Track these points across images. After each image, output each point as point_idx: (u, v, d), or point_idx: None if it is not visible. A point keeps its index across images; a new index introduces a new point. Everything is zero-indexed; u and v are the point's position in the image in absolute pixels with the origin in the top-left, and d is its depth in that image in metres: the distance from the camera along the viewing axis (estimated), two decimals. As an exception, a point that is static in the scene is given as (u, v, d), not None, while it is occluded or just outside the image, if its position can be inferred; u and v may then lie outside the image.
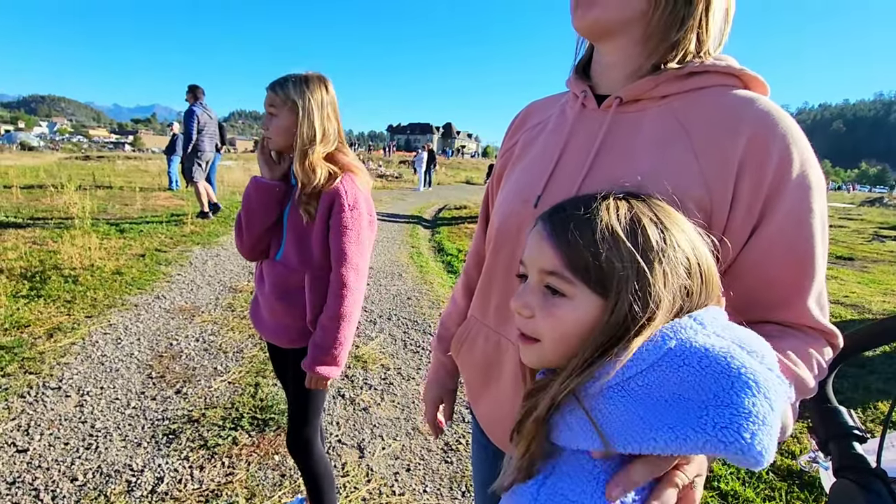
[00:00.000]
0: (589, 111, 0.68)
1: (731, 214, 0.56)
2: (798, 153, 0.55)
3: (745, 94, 0.60)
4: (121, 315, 3.21)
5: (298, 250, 1.33)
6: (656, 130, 0.61)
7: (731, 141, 0.56)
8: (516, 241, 0.69)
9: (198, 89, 6.48)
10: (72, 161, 23.08)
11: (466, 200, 12.58)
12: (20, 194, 8.36)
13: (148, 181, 12.61)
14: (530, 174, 0.72)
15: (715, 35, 0.63)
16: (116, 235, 5.44)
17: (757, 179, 0.55)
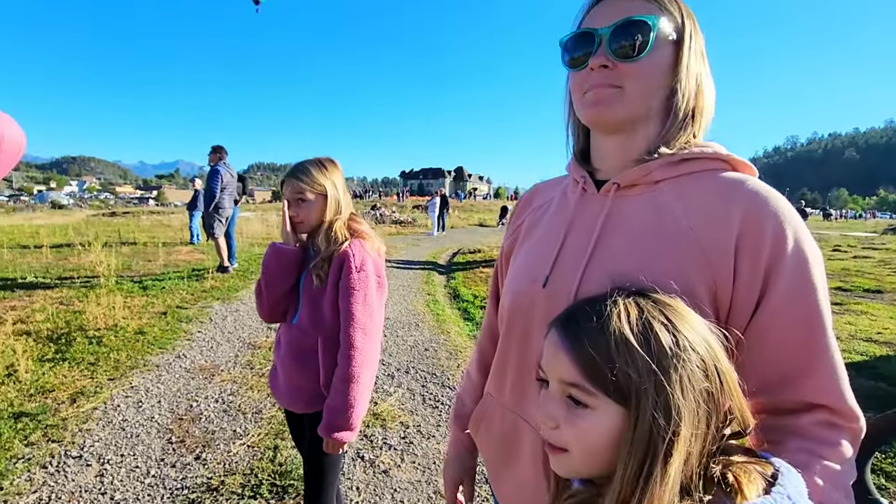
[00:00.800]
0: (589, 195, 0.73)
1: (734, 293, 0.58)
2: (791, 228, 0.58)
3: (734, 175, 0.64)
4: (142, 376, 3.24)
5: (312, 314, 1.39)
6: (653, 213, 0.65)
7: (726, 220, 0.59)
8: (528, 321, 0.72)
9: (221, 150, 6.79)
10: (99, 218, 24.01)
11: (480, 244, 12.64)
12: (49, 254, 8.67)
13: (171, 235, 13.00)
14: (537, 255, 0.75)
15: (705, 125, 0.69)
16: (140, 293, 5.57)
17: (755, 257, 0.57)
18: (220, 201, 6.64)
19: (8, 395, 2.81)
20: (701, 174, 0.65)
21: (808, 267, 0.57)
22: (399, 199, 45.62)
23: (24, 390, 2.91)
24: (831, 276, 8.31)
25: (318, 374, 1.37)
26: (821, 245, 9.14)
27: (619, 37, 0.64)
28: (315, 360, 1.38)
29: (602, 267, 0.65)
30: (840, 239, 16.66)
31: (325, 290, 1.37)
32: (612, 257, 0.65)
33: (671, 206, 0.64)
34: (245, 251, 9.71)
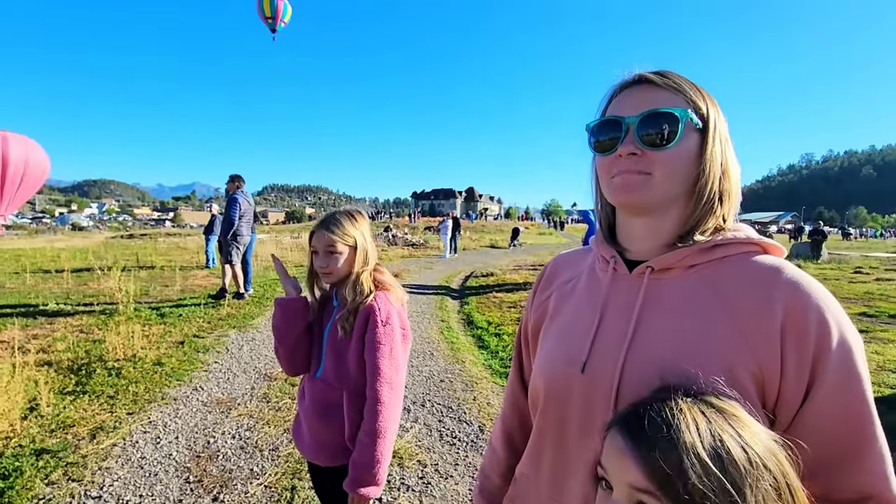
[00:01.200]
0: (621, 275, 0.73)
1: (782, 384, 0.59)
2: (833, 318, 0.58)
3: (769, 260, 0.65)
4: (160, 410, 3.25)
5: (337, 367, 1.38)
6: (691, 298, 0.66)
7: (768, 310, 0.60)
8: (565, 406, 0.71)
9: (239, 178, 6.94)
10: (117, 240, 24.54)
11: (493, 267, 12.62)
12: (70, 279, 8.86)
13: (187, 259, 13.22)
14: (572, 336, 0.74)
15: (734, 207, 0.70)
16: (157, 321, 5.63)
17: (800, 348, 0.58)
18: (238, 229, 6.76)
19: (30, 431, 2.84)
20: (734, 258, 0.66)
21: (853, 357, 0.58)
22: (411, 220, 45.96)
23: (46, 425, 2.93)
24: (855, 300, 8.10)
25: (343, 427, 1.36)
26: (841, 267, 8.97)
27: (647, 126, 0.65)
28: (340, 413, 1.36)
29: (643, 355, 0.65)
30: (861, 260, 16.30)
31: (349, 342, 1.37)
32: (652, 345, 0.65)
33: (709, 293, 0.65)
34: (260, 276, 9.81)
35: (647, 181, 0.66)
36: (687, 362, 0.60)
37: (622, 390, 0.64)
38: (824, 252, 15.84)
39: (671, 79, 0.68)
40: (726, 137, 0.70)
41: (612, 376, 0.66)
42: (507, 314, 6.67)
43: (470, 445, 2.94)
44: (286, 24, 18.87)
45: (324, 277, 1.43)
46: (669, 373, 0.60)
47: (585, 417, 0.68)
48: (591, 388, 0.68)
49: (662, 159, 0.65)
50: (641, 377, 0.63)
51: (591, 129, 0.72)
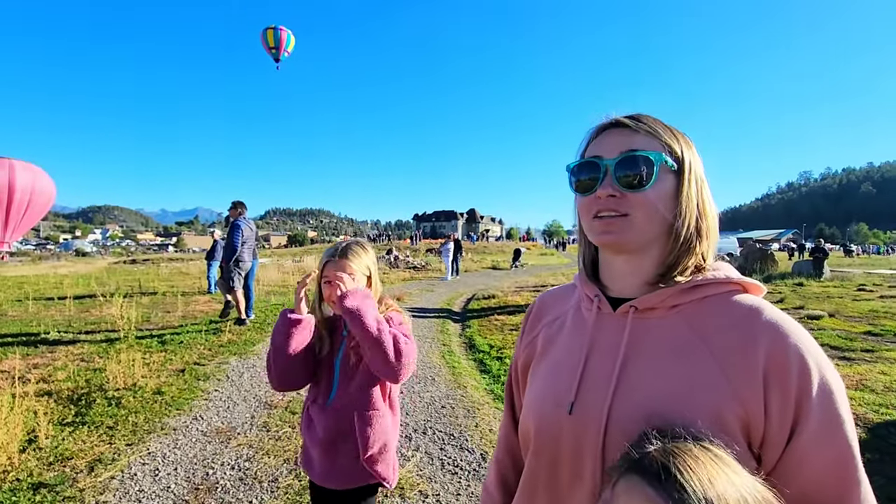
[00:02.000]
0: (605, 315, 0.74)
1: (766, 427, 0.60)
2: (814, 360, 0.60)
3: (749, 300, 0.67)
4: (159, 441, 3.22)
5: (348, 392, 1.45)
6: (674, 339, 0.67)
7: (750, 352, 0.61)
8: (556, 445, 0.72)
9: (241, 205, 7.01)
10: (120, 266, 24.61)
11: (495, 289, 12.59)
12: (72, 305, 8.87)
13: (189, 284, 13.24)
14: (559, 377, 0.76)
15: (713, 245, 0.73)
16: (158, 348, 5.62)
17: (783, 391, 0.59)
18: (241, 255, 6.79)
19: (28, 465, 2.81)
20: (714, 298, 0.69)
21: (834, 398, 0.59)
22: (413, 242, 46.04)
23: (44, 458, 2.90)
24: (859, 318, 8.04)
25: (358, 451, 1.42)
26: (844, 284, 8.91)
27: (624, 168, 0.68)
28: (353, 437, 1.42)
29: (630, 397, 0.66)
30: (864, 277, 16.21)
31: (361, 363, 1.43)
32: (638, 386, 0.66)
33: (691, 334, 0.67)
34: (261, 301, 9.81)
35: (627, 222, 0.68)
36: (674, 405, 0.62)
37: (610, 432, 0.65)
38: (826, 270, 15.78)
39: (646, 123, 0.71)
40: (702, 177, 0.73)
41: (599, 418, 0.66)
42: (509, 337, 6.64)
43: (472, 474, 2.90)
44: (290, 53, 19.35)
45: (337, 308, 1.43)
46: (657, 416, 0.61)
47: (576, 459, 0.68)
48: (579, 429, 0.68)
49: (640, 200, 0.68)
50: (629, 419, 0.64)
51: (572, 169, 0.75)
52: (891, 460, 2.93)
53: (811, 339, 0.62)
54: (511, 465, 0.91)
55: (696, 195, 0.71)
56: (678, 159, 0.70)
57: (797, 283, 13.72)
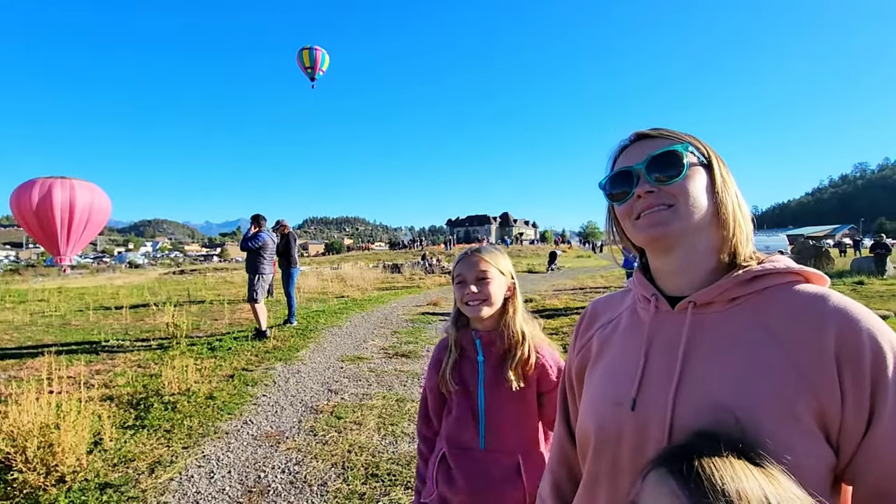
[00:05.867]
0: (664, 313, 0.73)
1: (844, 411, 0.57)
2: (887, 343, 0.58)
3: (812, 289, 0.65)
4: (213, 445, 3.33)
5: (507, 431, 1.26)
6: (737, 332, 0.65)
7: (820, 340, 0.59)
8: (617, 445, 0.70)
9: (260, 217, 7.22)
10: (169, 276, 25.85)
11: (532, 292, 12.45)
12: (129, 314, 9.36)
13: (234, 292, 13.73)
14: (619, 375, 0.74)
15: (751, 240, 0.72)
16: (208, 355, 5.84)
17: (858, 373, 0.57)
18: (262, 267, 6.92)
19: (95, 465, 2.96)
20: (775, 289, 0.67)
21: None
22: (447, 247, 46.22)
23: (109, 460, 3.06)
24: (931, 319, 7.46)
25: (523, 495, 1.21)
26: (913, 284, 8.19)
27: (655, 166, 0.70)
28: (514, 483, 1.22)
29: (693, 391, 0.64)
30: (934, 274, 15.04)
31: (517, 399, 1.24)
32: (702, 380, 0.64)
33: (755, 326, 0.65)
34: (302, 308, 10.05)
35: (673, 212, 0.69)
36: (741, 398, 0.60)
37: (675, 428, 0.63)
38: (890, 267, 14.73)
39: (665, 130, 0.75)
40: (731, 176, 0.74)
41: (664, 413, 0.65)
42: (550, 341, 6.53)
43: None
44: (324, 72, 19.90)
45: (476, 309, 1.25)
46: (723, 409, 0.60)
47: (638, 456, 0.66)
48: (642, 426, 0.67)
49: (678, 190, 0.69)
50: (694, 414, 0.62)
51: (604, 184, 0.77)
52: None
53: (883, 323, 0.60)
54: (565, 475, 0.89)
55: (733, 186, 0.73)
56: (704, 155, 0.72)
57: (857, 281, 12.87)
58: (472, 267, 1.27)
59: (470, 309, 1.26)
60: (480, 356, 1.29)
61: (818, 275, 0.68)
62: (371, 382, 4.78)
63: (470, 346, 1.32)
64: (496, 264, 1.28)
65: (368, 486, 2.73)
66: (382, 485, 2.74)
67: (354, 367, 5.39)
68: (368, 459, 3.04)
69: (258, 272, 6.93)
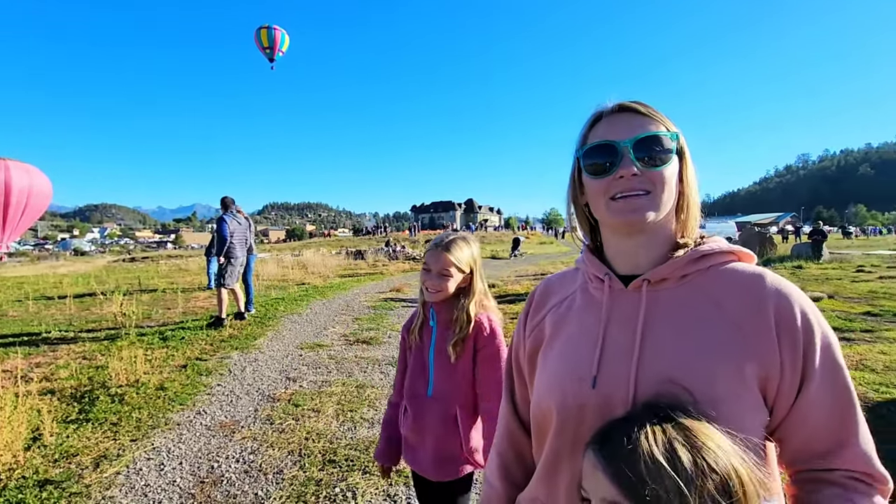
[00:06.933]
0: (617, 291, 0.75)
1: (782, 377, 0.64)
2: (814, 316, 0.66)
3: (749, 268, 0.72)
4: (164, 436, 3.23)
5: (448, 385, 1.47)
6: (689, 306, 0.70)
7: (762, 312, 0.66)
8: (580, 422, 0.71)
9: (226, 198, 7.02)
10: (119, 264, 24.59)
11: (494, 278, 12.60)
12: (73, 304, 8.87)
13: (189, 280, 13.24)
14: (577, 354, 0.75)
15: (699, 217, 0.77)
16: (160, 345, 5.63)
17: (793, 346, 0.64)
18: (232, 250, 6.77)
19: (34, 462, 2.82)
20: (718, 266, 0.73)
21: (833, 349, 0.66)
22: (411, 233, 46.04)
23: (49, 455, 2.92)
24: (858, 299, 8.07)
25: (461, 441, 1.44)
26: (843, 266, 8.92)
27: (644, 148, 0.71)
28: (456, 429, 1.45)
29: (654, 365, 0.67)
30: (863, 259, 16.25)
31: (459, 361, 1.45)
32: (662, 354, 0.68)
33: (706, 300, 0.70)
34: (262, 295, 9.81)
35: (649, 199, 0.71)
36: (698, 369, 0.65)
37: (638, 401, 0.66)
38: (825, 252, 15.80)
39: (651, 108, 0.74)
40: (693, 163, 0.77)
41: (626, 389, 0.67)
42: (510, 326, 6.64)
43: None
44: (284, 53, 19.11)
45: (430, 296, 1.48)
46: (680, 382, 0.64)
47: None
48: (605, 403, 0.69)
49: (660, 178, 0.71)
50: (656, 387, 0.66)
51: (584, 153, 0.75)
52: (891, 440, 2.95)
53: (810, 300, 0.68)
54: (513, 455, 0.90)
55: (693, 176, 0.76)
56: (680, 142, 0.75)
57: (796, 265, 13.73)
58: (438, 260, 1.45)
59: (427, 294, 1.49)
60: (433, 322, 1.53)
61: (749, 254, 0.75)
62: (330, 369, 4.74)
63: (429, 313, 1.56)
64: (458, 262, 1.46)
65: (325, 472, 2.73)
66: (340, 470, 2.74)
67: (314, 354, 5.33)
68: (326, 446, 3.04)
69: (228, 256, 6.74)
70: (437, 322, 1.51)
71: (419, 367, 1.53)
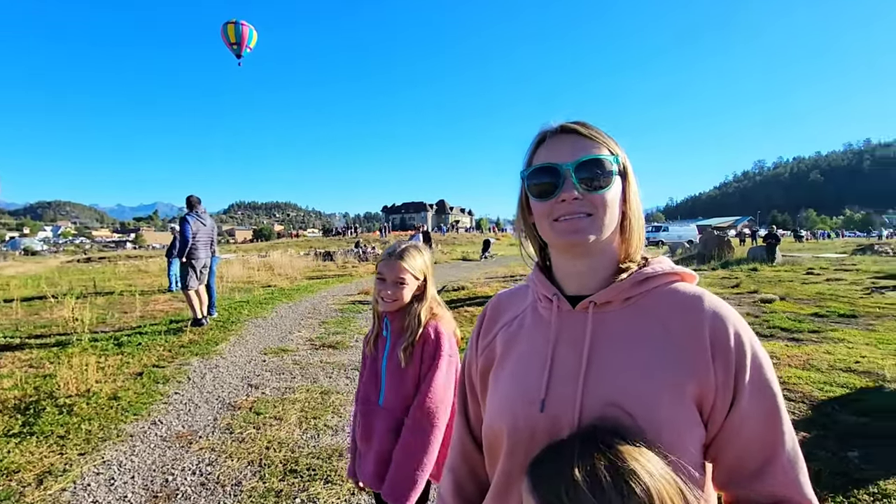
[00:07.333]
0: (565, 312, 0.76)
1: (716, 395, 0.66)
2: (747, 337, 0.68)
3: (690, 289, 0.75)
4: (115, 449, 3.09)
5: (398, 394, 1.48)
6: (633, 327, 0.72)
7: (700, 332, 0.68)
8: (530, 444, 0.71)
9: (191, 198, 6.82)
10: (73, 265, 23.40)
11: (465, 280, 12.65)
12: (20, 308, 8.38)
13: (148, 282, 12.74)
14: (526, 376, 0.76)
15: (643, 238, 0.78)
16: (114, 351, 5.39)
17: (726, 365, 0.66)
18: (194, 251, 6.58)
19: (-31, 480, 2.65)
20: (661, 288, 0.74)
21: (763, 368, 0.68)
22: (382, 234, 45.71)
23: (-13, 473, 2.74)
24: (807, 301, 8.49)
25: None
26: (795, 269, 9.35)
27: (585, 171, 0.71)
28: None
29: (600, 387, 0.68)
30: (812, 261, 17.14)
31: (408, 369, 1.46)
32: (607, 376, 0.69)
33: (649, 321, 0.72)
34: (225, 298, 9.54)
35: (591, 222, 0.71)
36: (641, 391, 0.66)
37: (584, 424, 0.67)
38: (778, 255, 16.58)
39: (593, 129, 0.75)
40: (636, 183, 0.78)
41: (572, 412, 0.68)
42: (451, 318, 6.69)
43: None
44: (252, 49, 18.62)
45: (386, 305, 1.49)
46: (623, 404, 0.65)
47: None
48: (553, 425, 0.69)
49: (602, 201, 0.72)
50: (600, 410, 0.66)
51: (527, 175, 0.76)
52: (835, 436, 3.10)
53: (743, 320, 0.71)
54: (466, 473, 0.89)
55: (638, 195, 0.78)
56: (623, 163, 0.76)
57: (752, 268, 14.36)
58: (392, 270, 1.47)
59: (383, 304, 1.51)
60: (386, 332, 1.55)
61: (690, 274, 0.77)
62: (295, 375, 4.65)
63: (384, 323, 1.58)
64: (413, 269, 1.48)
65: (286, 482, 2.67)
66: (301, 480, 2.69)
67: (278, 359, 5.22)
68: (287, 455, 2.97)
69: (189, 258, 6.54)
70: (390, 331, 1.54)
71: (372, 376, 1.56)
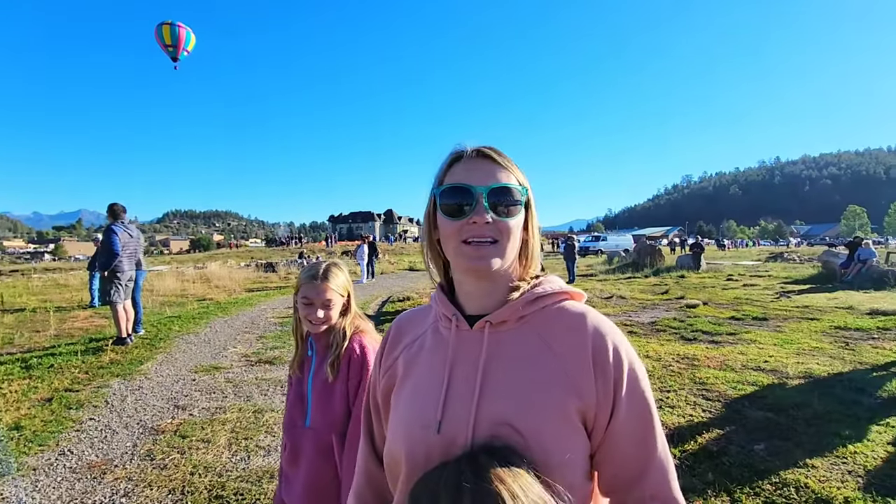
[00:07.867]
0: (463, 332, 0.78)
1: (597, 408, 0.70)
2: (624, 351, 0.73)
3: (577, 307, 0.78)
4: (13, 486, 2.80)
5: (324, 414, 1.45)
6: (525, 347, 0.75)
7: (583, 351, 0.72)
8: (427, 468, 0.71)
9: (116, 206, 6.36)
10: (-24, 280, 21.01)
11: (410, 290, 12.61)
12: None
13: (67, 298, 11.70)
14: (424, 398, 0.77)
15: (539, 259, 0.82)
16: (21, 375, 4.90)
17: (605, 379, 0.70)
18: (119, 264, 6.14)
19: None
20: (553, 306, 0.78)
21: (639, 381, 0.72)
22: (328, 244, 44.70)
23: None
24: (726, 305, 9.19)
25: (338, 473, 1.40)
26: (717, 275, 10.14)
27: (497, 197, 0.74)
28: (333, 461, 1.41)
29: (490, 409, 0.70)
30: (732, 268, 18.62)
31: (334, 387, 1.44)
32: (497, 397, 0.71)
33: (538, 341, 0.75)
34: (154, 314, 8.95)
35: (497, 248, 0.74)
36: (530, 409, 0.69)
37: (476, 444, 0.68)
38: (703, 263, 17.89)
39: (506, 158, 0.78)
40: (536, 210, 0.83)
41: (466, 432, 0.69)
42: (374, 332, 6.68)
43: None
44: (189, 52, 17.73)
45: (315, 328, 1.46)
46: (509, 423, 0.68)
47: None
48: (448, 446, 0.70)
49: (508, 228, 0.74)
50: (491, 429, 0.69)
51: (440, 193, 0.76)
52: (744, 431, 3.37)
53: (623, 336, 0.75)
54: (371, 496, 0.89)
55: (537, 225, 0.81)
56: (527, 192, 0.79)
57: (680, 275, 15.39)
58: (319, 293, 1.45)
59: (312, 326, 1.47)
60: (311, 352, 1.53)
61: (578, 292, 0.81)
62: (227, 394, 4.43)
63: (308, 344, 1.56)
64: (338, 289, 1.48)
65: (210, 509, 2.54)
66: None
67: (209, 378, 4.95)
68: (214, 480, 2.82)
69: (113, 270, 6.06)
70: (315, 351, 1.52)
71: (297, 399, 1.52)
